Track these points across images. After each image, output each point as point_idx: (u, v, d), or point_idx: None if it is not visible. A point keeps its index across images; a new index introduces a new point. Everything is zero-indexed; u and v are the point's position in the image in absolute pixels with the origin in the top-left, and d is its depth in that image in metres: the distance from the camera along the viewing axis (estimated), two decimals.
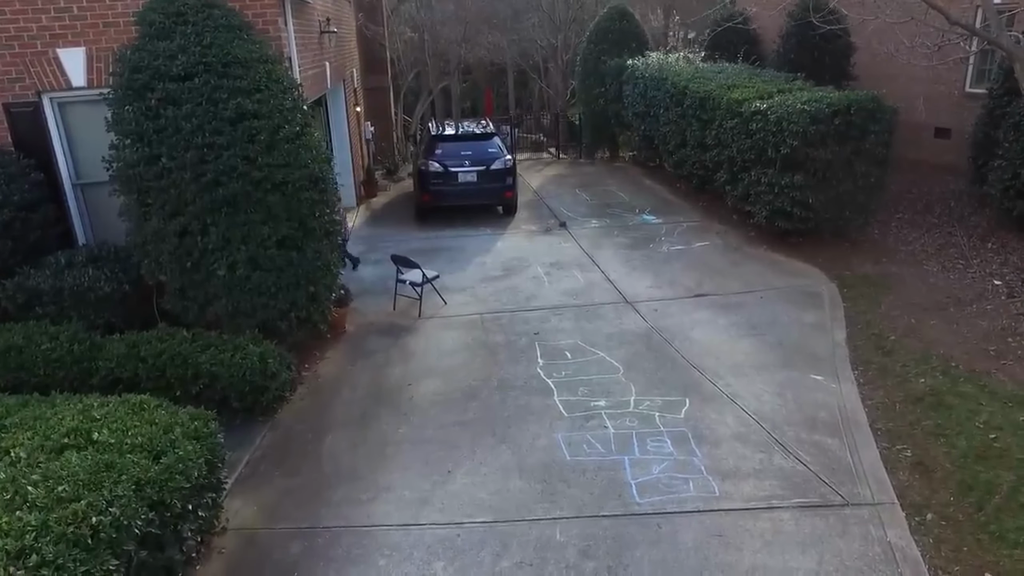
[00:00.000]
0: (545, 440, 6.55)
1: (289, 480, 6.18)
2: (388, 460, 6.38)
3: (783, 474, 5.92)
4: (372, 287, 10.49)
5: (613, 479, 5.95)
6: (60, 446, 4.65)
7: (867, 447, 6.27)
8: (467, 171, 12.81)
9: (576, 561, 5.03)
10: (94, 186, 8.98)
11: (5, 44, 8.26)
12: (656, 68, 15.42)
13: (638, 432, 6.61)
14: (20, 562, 3.61)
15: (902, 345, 8.01)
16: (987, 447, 6.07)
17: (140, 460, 4.59)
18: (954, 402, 6.79)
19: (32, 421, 5.02)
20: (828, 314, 9.00)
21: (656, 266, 10.85)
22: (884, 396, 7.08)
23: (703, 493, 5.72)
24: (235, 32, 7.49)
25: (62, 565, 3.72)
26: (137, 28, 7.54)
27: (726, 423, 6.69)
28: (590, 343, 8.46)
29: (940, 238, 11.40)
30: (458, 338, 8.82)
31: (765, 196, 11.11)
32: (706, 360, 7.88)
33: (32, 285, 7.59)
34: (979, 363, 7.48)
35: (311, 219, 7.72)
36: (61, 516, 3.91)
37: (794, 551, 5.06)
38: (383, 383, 7.81)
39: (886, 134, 10.71)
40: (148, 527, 4.37)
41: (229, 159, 7.09)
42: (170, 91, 7.10)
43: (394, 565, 5.09)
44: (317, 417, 7.19)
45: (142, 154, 7.11)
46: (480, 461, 6.28)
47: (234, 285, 7.38)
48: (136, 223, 7.49)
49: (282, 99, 7.59)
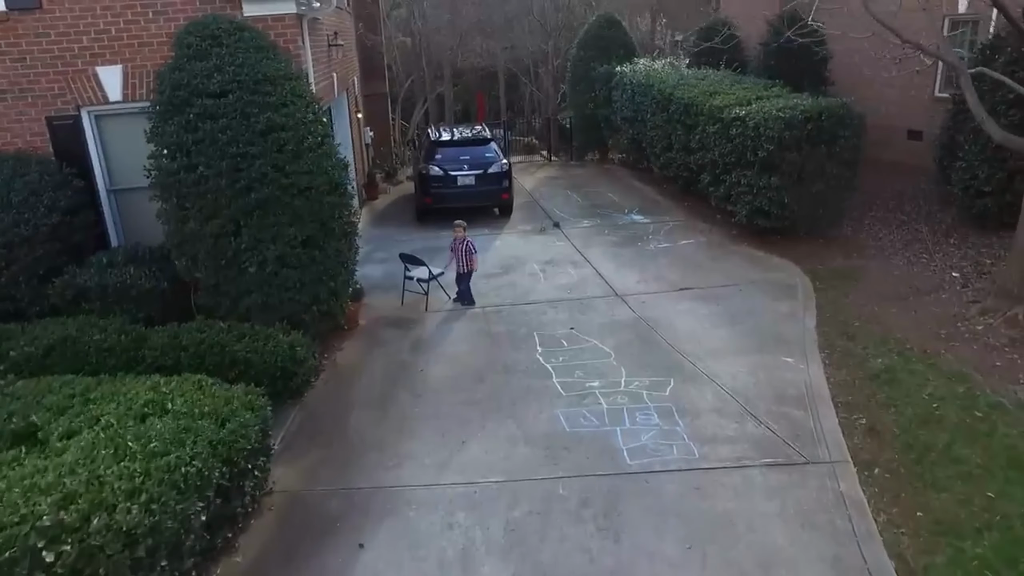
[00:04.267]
0: (546, 415, 7.56)
1: (322, 451, 7.16)
2: (408, 433, 7.36)
3: (754, 439, 6.95)
4: (380, 284, 11.46)
5: (607, 446, 6.96)
6: (142, 414, 5.62)
7: (828, 417, 7.31)
8: (466, 175, 13.83)
9: (577, 509, 6.05)
10: (126, 192, 9.94)
11: (49, 63, 9.20)
12: (643, 74, 16.48)
13: (628, 407, 7.62)
14: (134, 499, 4.57)
15: (864, 330, 9.08)
16: (929, 414, 7.13)
17: (210, 425, 5.56)
18: (905, 378, 7.85)
19: (111, 395, 5.98)
20: (801, 304, 10.04)
21: (644, 262, 11.88)
22: (846, 374, 8.13)
23: (685, 455, 6.75)
24: (263, 52, 8.45)
25: (165, 503, 4.70)
26: (172, 48, 8.48)
27: (705, 399, 7.72)
28: (584, 332, 9.47)
29: (907, 234, 12.48)
30: (463, 329, 9.82)
31: (745, 196, 12.16)
32: (688, 345, 8.90)
33: (79, 283, 8.53)
34: (930, 345, 8.54)
35: (332, 220, 8.69)
36: (158, 466, 4.88)
37: (760, 499, 6.09)
38: (398, 368, 8.80)
39: (855, 138, 11.80)
40: (220, 479, 5.35)
41: (260, 167, 8.05)
42: (207, 106, 8.05)
43: (422, 516, 6.09)
44: (341, 399, 8.17)
45: (182, 163, 8.06)
46: (490, 433, 7.28)
47: (264, 281, 8.33)
48: (174, 226, 8.42)
49: (305, 112, 8.56)
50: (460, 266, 10.51)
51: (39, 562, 4.10)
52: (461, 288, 10.58)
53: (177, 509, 4.77)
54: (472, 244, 10.61)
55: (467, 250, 10.47)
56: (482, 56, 24.33)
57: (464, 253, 10.46)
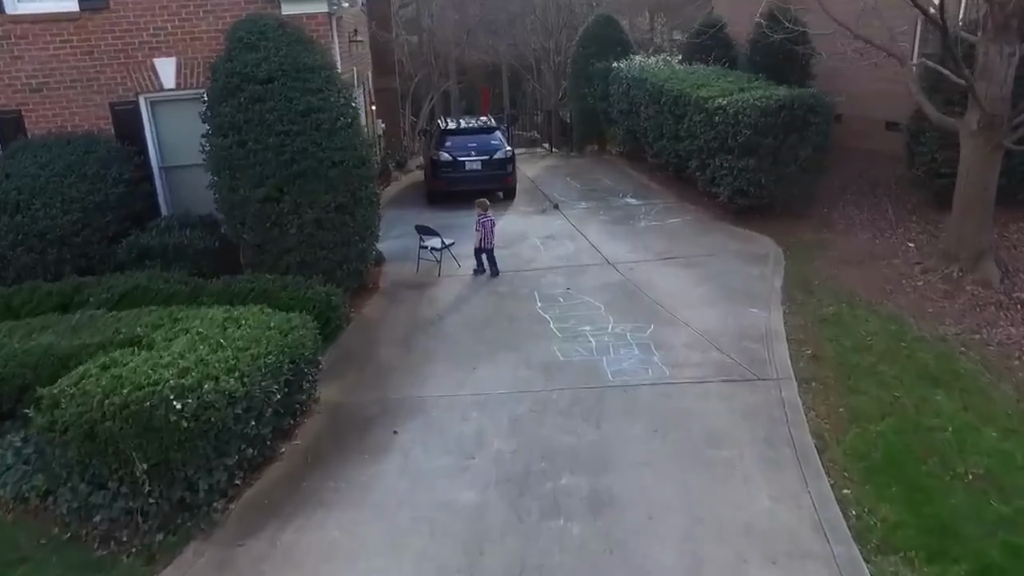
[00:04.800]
0: (544, 349, 9.36)
1: (357, 374, 8.97)
2: (429, 363, 9.17)
3: (716, 364, 8.75)
4: (397, 256, 13.26)
5: (594, 369, 8.77)
6: (223, 326, 7.42)
7: (780, 348, 9.10)
8: (473, 160, 15.70)
9: (567, 408, 7.86)
10: (175, 169, 11.83)
11: (113, 56, 11.07)
12: (638, 70, 18.36)
13: (613, 344, 9.42)
14: (231, 374, 6.38)
15: (822, 287, 10.88)
16: (863, 344, 8.93)
17: (276, 335, 7.37)
18: (849, 320, 9.65)
19: (194, 316, 7.79)
20: (771, 269, 11.84)
21: (634, 237, 13.71)
22: (801, 319, 9.92)
23: (657, 374, 8.55)
24: (303, 45, 10.31)
25: (253, 379, 6.51)
26: (224, 42, 10.33)
27: (679, 337, 9.52)
28: (578, 291, 11.27)
29: (876, 213, 14.27)
30: (472, 290, 11.64)
31: (727, 178, 13.97)
32: (668, 300, 10.70)
33: (143, 243, 10.38)
34: (876, 297, 10.35)
35: (360, 190, 10.52)
36: (245, 355, 6.70)
37: (715, 401, 7.89)
38: (416, 318, 10.61)
39: (825, 124, 13.62)
40: (287, 373, 7.16)
41: (301, 143, 9.87)
42: (256, 91, 9.88)
43: (444, 415, 7.89)
44: (369, 340, 9.98)
45: (234, 139, 9.89)
46: (497, 362, 9.08)
47: (303, 241, 10.15)
48: (225, 194, 10.23)
49: (337, 97, 10.40)
50: (486, 241, 12.03)
51: (171, 408, 5.89)
52: (491, 261, 12.12)
53: (261, 385, 6.58)
54: (492, 221, 12.22)
55: (492, 226, 12.08)
56: (487, 53, 26.31)
57: (491, 228, 12.05)
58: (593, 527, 5.93)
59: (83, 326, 7.90)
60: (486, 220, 12.06)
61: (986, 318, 9.56)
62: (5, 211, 9.88)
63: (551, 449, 7.10)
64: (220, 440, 6.23)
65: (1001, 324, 9.38)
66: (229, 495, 6.42)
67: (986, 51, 10.16)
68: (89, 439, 5.96)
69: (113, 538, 5.91)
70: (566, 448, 7.13)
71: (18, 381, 7.29)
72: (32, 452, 6.85)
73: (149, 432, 5.89)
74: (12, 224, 9.85)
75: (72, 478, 6.23)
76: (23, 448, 6.90)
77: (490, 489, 6.51)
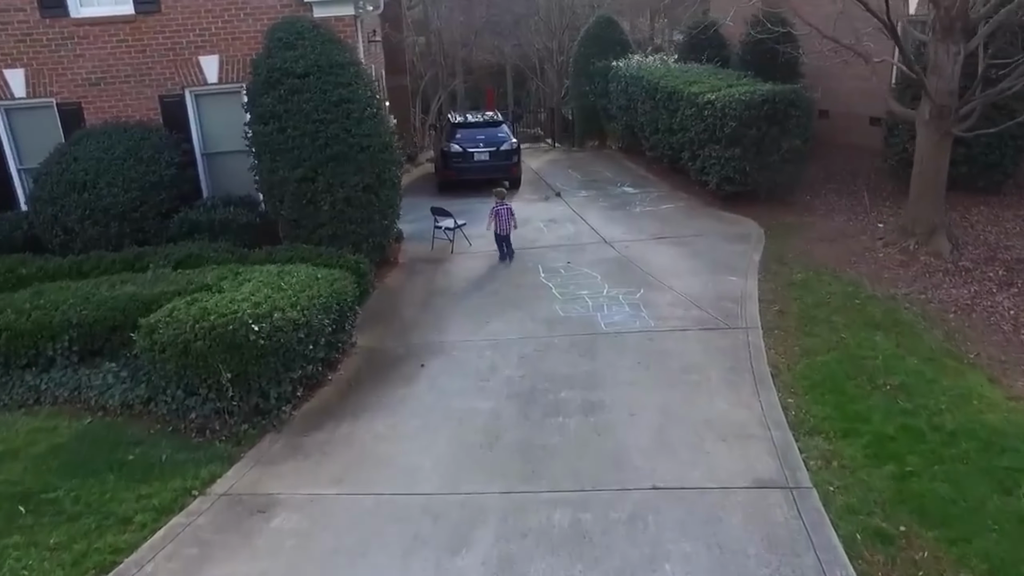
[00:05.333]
0: (547, 308, 11.24)
1: (385, 328, 10.85)
2: (446, 319, 11.05)
3: (694, 317, 10.62)
4: (412, 237, 15.17)
5: (590, 321, 10.64)
6: (279, 276, 9.29)
7: (751, 306, 10.96)
8: (481, 151, 17.65)
9: (566, 348, 9.73)
10: (215, 155, 13.74)
11: (163, 54, 13.00)
12: (636, 68, 20.32)
13: (607, 304, 11.29)
14: (294, 307, 8.25)
15: (795, 259, 12.76)
16: (823, 301, 10.80)
17: (325, 283, 9.26)
18: (814, 284, 11.53)
19: (251, 271, 9.67)
20: (752, 246, 13.71)
21: (629, 221, 15.61)
22: (773, 284, 11.79)
23: (644, 325, 10.42)
24: (334, 44, 12.24)
25: (312, 311, 8.40)
26: (263, 41, 12.25)
27: (665, 299, 11.39)
28: (577, 264, 13.16)
29: (853, 200, 16.17)
30: (483, 264, 13.53)
31: (715, 167, 15.88)
32: (657, 271, 12.57)
33: (193, 218, 12.28)
34: (841, 266, 12.22)
35: (384, 173, 12.41)
36: (302, 295, 8.58)
37: (691, 343, 9.76)
38: (433, 286, 12.51)
39: (805, 117, 15.52)
40: (335, 313, 9.04)
41: (333, 129, 11.77)
42: (294, 84, 11.79)
43: (462, 354, 9.77)
44: (392, 303, 11.88)
45: (274, 127, 11.79)
46: (506, 317, 10.96)
47: (334, 216, 12.03)
48: (265, 176, 12.12)
49: (364, 90, 12.32)
50: (499, 227, 13.39)
51: (250, 330, 7.76)
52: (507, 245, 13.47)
53: (317, 317, 8.47)
54: (511, 208, 13.59)
55: (508, 214, 13.39)
56: (492, 54, 28.37)
57: (506, 217, 13.36)
58: (585, 422, 7.81)
59: (159, 279, 9.80)
60: (501, 208, 13.53)
61: (933, 282, 11.43)
62: (74, 189, 11.78)
63: (552, 375, 8.98)
64: (287, 358, 8.12)
65: (944, 287, 11.24)
66: (293, 403, 8.30)
67: (935, 50, 12.06)
68: (184, 355, 7.84)
69: (208, 428, 7.81)
70: (565, 374, 9.00)
71: (109, 322, 9.16)
72: (126, 374, 8.72)
73: (232, 349, 7.77)
74: (80, 201, 11.75)
75: (170, 387, 8.11)
76: (120, 371, 8.78)
77: (503, 400, 8.39)
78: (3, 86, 12.74)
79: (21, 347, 9.08)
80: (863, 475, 6.62)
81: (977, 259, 12.03)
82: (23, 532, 6.20)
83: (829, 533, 5.90)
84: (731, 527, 6.03)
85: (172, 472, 7.09)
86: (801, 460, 6.96)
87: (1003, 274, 11.41)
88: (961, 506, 6.00)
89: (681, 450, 7.23)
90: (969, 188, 14.89)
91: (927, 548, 5.64)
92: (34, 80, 12.81)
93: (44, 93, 12.90)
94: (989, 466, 6.52)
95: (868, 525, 5.95)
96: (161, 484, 6.89)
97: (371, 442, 7.67)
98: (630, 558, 5.71)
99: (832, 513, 6.14)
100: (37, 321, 9.07)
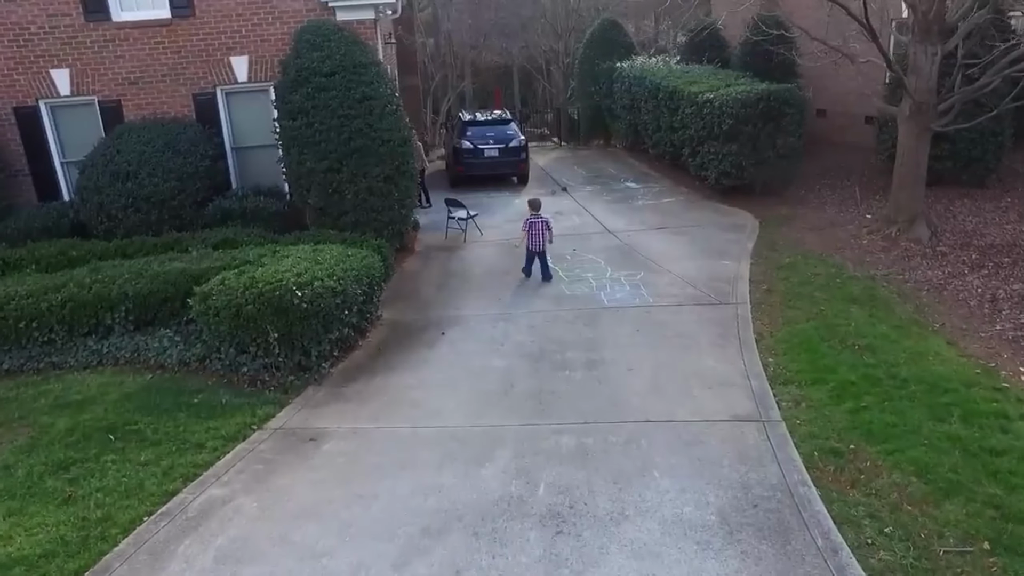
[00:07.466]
0: (554, 288, 12.70)
1: (406, 305, 12.31)
2: (462, 298, 12.51)
3: (690, 295, 12.05)
4: (427, 226, 16.64)
5: (594, 298, 12.10)
6: (314, 253, 10.74)
7: (742, 286, 12.40)
8: (491, 148, 19.15)
9: (572, 319, 11.18)
10: (243, 149, 15.24)
11: (196, 55, 14.50)
12: (639, 69, 21.82)
13: (610, 284, 12.74)
14: (332, 277, 9.68)
15: (786, 246, 14.20)
16: (807, 280, 12.24)
17: (356, 259, 10.71)
18: (801, 266, 12.97)
19: (287, 249, 11.13)
20: (747, 235, 15.17)
21: (632, 213, 17.07)
22: (763, 267, 13.23)
23: (643, 301, 11.87)
24: (357, 45, 13.73)
25: (347, 281, 9.85)
26: (291, 42, 13.74)
27: (663, 280, 12.83)
28: (582, 251, 14.61)
29: (846, 193, 17.62)
30: (494, 252, 14.99)
31: (714, 162, 17.33)
32: (657, 257, 14.02)
33: (226, 206, 13.76)
34: (827, 252, 13.66)
35: (403, 165, 13.88)
36: (339, 268, 10.02)
37: (686, 315, 11.20)
38: (448, 271, 13.97)
39: (799, 115, 16.98)
40: (365, 285, 10.49)
41: (357, 124, 13.24)
42: (321, 82, 13.28)
43: (478, 324, 11.24)
44: (411, 284, 13.34)
45: (302, 122, 13.27)
46: (516, 295, 12.42)
47: (357, 205, 13.50)
48: (294, 167, 13.59)
49: (385, 88, 13.80)
50: (532, 243, 12.81)
51: (294, 295, 9.20)
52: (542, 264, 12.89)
53: (351, 286, 9.92)
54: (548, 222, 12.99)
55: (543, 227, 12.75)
56: (500, 55, 29.96)
57: (540, 230, 12.73)
58: (588, 374, 9.27)
59: (204, 257, 11.27)
60: (535, 220, 12.85)
61: (911, 265, 12.86)
62: (118, 179, 13.27)
63: (560, 340, 10.44)
64: (326, 320, 9.57)
65: (921, 269, 12.67)
66: (331, 361, 9.75)
67: (914, 51, 13.53)
68: (236, 318, 9.29)
69: (258, 380, 9.28)
70: (571, 339, 10.46)
71: (161, 294, 10.62)
72: (179, 338, 10.18)
73: (279, 312, 9.22)
74: (124, 190, 13.23)
75: (223, 346, 9.57)
76: (174, 336, 10.23)
77: (515, 359, 9.86)
78: (50, 85, 14.26)
79: (83, 316, 10.53)
80: (825, 411, 8.06)
81: (954, 245, 13.47)
82: (116, 452, 7.67)
83: (791, 451, 7.34)
84: (710, 447, 7.47)
85: (232, 412, 8.55)
86: (775, 402, 8.40)
87: (976, 257, 12.84)
88: (901, 429, 7.43)
89: (672, 395, 8.67)
90: (954, 182, 16.35)
91: (869, 459, 7.08)
92: (78, 79, 14.33)
93: (87, 91, 14.42)
94: (931, 403, 7.94)
95: (824, 446, 7.39)
96: (224, 420, 8.35)
97: (402, 390, 9.12)
98: (625, 468, 7.14)
99: (796, 438, 7.58)
100: (97, 293, 10.53)
